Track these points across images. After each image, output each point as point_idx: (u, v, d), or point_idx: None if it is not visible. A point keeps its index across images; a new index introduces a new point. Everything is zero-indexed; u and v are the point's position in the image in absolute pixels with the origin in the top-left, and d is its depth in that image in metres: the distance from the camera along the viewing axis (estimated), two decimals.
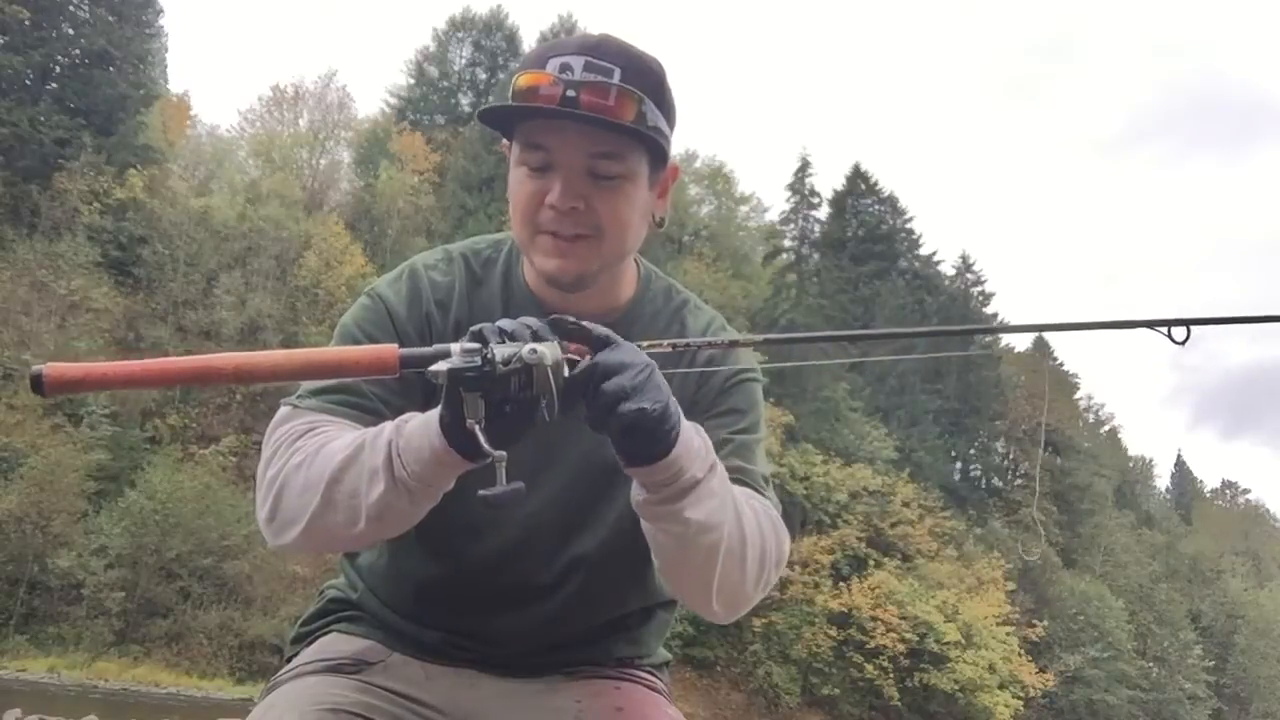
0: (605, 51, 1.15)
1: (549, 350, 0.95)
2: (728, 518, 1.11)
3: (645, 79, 1.16)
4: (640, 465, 1.05)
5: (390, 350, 0.97)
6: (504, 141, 1.24)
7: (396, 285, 1.30)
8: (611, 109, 1.12)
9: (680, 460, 1.04)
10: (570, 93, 1.11)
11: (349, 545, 1.25)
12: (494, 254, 1.34)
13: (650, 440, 1.02)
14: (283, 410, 1.20)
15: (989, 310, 56.99)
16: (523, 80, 1.13)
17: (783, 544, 1.22)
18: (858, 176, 59.28)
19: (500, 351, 0.93)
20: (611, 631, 1.35)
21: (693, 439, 1.07)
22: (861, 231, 57.59)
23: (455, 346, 0.95)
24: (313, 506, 1.08)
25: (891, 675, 38.45)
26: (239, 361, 0.94)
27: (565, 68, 1.13)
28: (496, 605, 1.30)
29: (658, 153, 1.20)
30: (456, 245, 1.36)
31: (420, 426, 1.03)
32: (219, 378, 0.95)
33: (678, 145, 1.27)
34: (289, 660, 1.33)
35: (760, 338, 1.25)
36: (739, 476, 1.25)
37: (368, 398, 1.20)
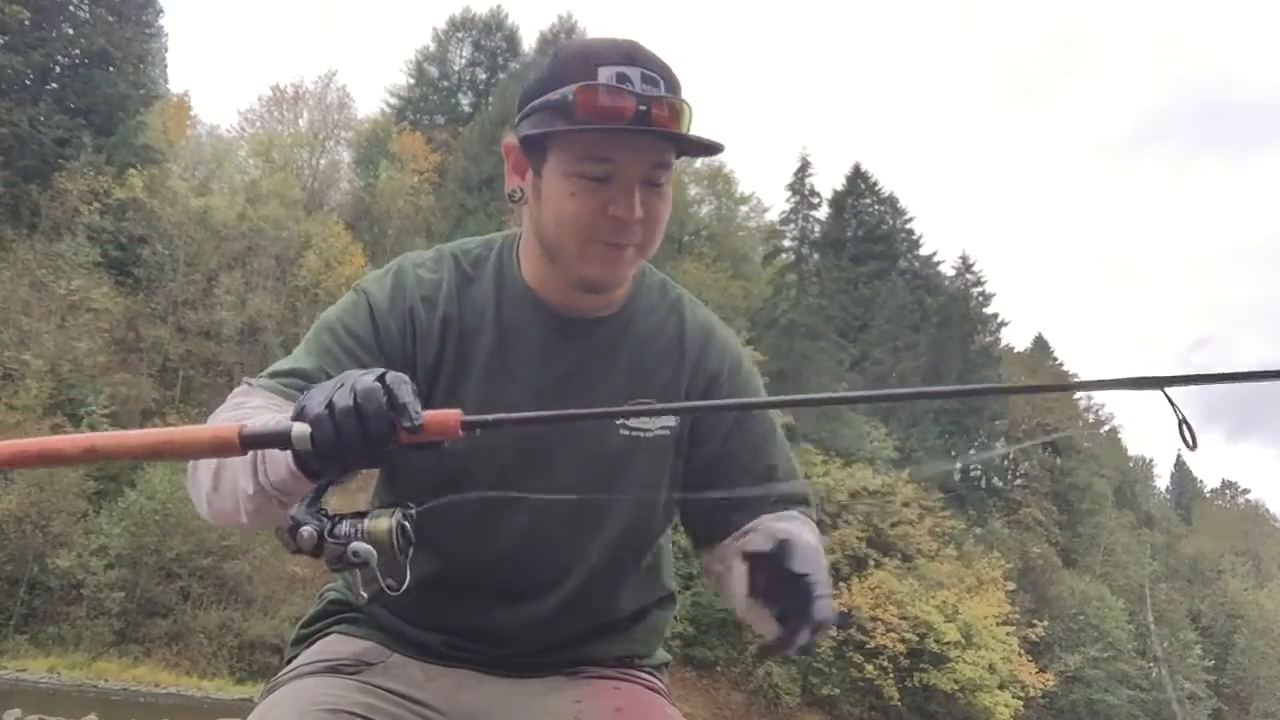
0: (650, 63, 1.17)
1: (379, 526, 0.96)
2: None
3: (679, 88, 1.19)
4: None
5: (230, 430, 0.95)
6: (510, 141, 1.24)
7: (382, 281, 1.30)
8: (675, 123, 1.14)
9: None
10: (642, 107, 1.12)
11: (250, 529, 1.21)
12: (485, 252, 1.34)
13: None
14: (239, 388, 1.21)
15: (989, 311, 57.00)
16: (584, 92, 1.13)
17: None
18: (858, 176, 59.32)
19: (328, 548, 0.94)
20: (611, 630, 1.35)
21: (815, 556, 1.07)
22: (861, 231, 57.64)
23: (296, 427, 0.94)
24: (206, 487, 1.10)
25: (891, 675, 38.45)
26: (88, 443, 0.95)
27: (623, 78, 1.14)
28: (497, 605, 1.30)
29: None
30: (447, 245, 1.36)
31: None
32: (68, 459, 0.97)
33: None
34: (289, 661, 1.33)
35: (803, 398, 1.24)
36: (773, 475, 1.33)
37: (323, 378, 1.19)
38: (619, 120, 1.12)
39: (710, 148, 1.19)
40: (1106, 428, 69.03)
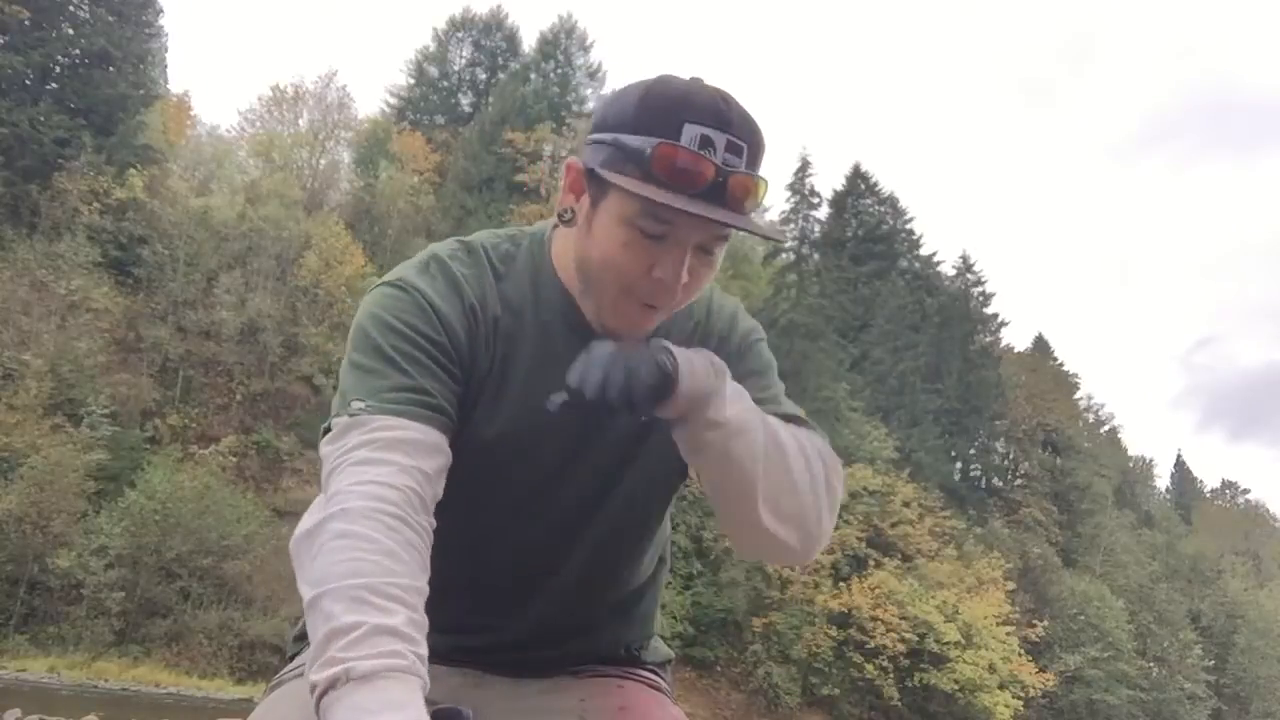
0: (736, 125, 1.11)
1: None
2: (754, 422, 1.14)
3: (762, 158, 1.15)
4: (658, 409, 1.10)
5: None
6: (576, 163, 1.18)
7: (427, 277, 1.20)
8: (747, 201, 1.11)
9: (687, 382, 1.08)
10: (719, 180, 1.08)
11: None
12: (512, 249, 1.28)
13: (652, 392, 1.07)
14: (337, 423, 1.10)
15: (989, 311, 57.04)
16: (664, 151, 1.08)
17: (833, 462, 1.21)
18: (858, 176, 59.34)
19: None
20: (611, 618, 1.35)
21: (694, 363, 1.11)
22: (861, 231, 57.66)
23: None
24: (302, 596, 1.03)
25: (891, 675, 38.47)
26: None
27: (707, 142, 1.09)
28: (505, 605, 1.29)
29: None
30: (473, 237, 1.29)
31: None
32: None
33: None
34: (291, 659, 1.31)
35: None
36: (779, 402, 1.28)
37: (431, 395, 1.12)
38: (692, 187, 1.07)
39: (772, 239, 1.18)
40: (1106, 428, 69.10)
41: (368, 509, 1.01)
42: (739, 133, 1.11)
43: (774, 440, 1.15)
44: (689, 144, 1.08)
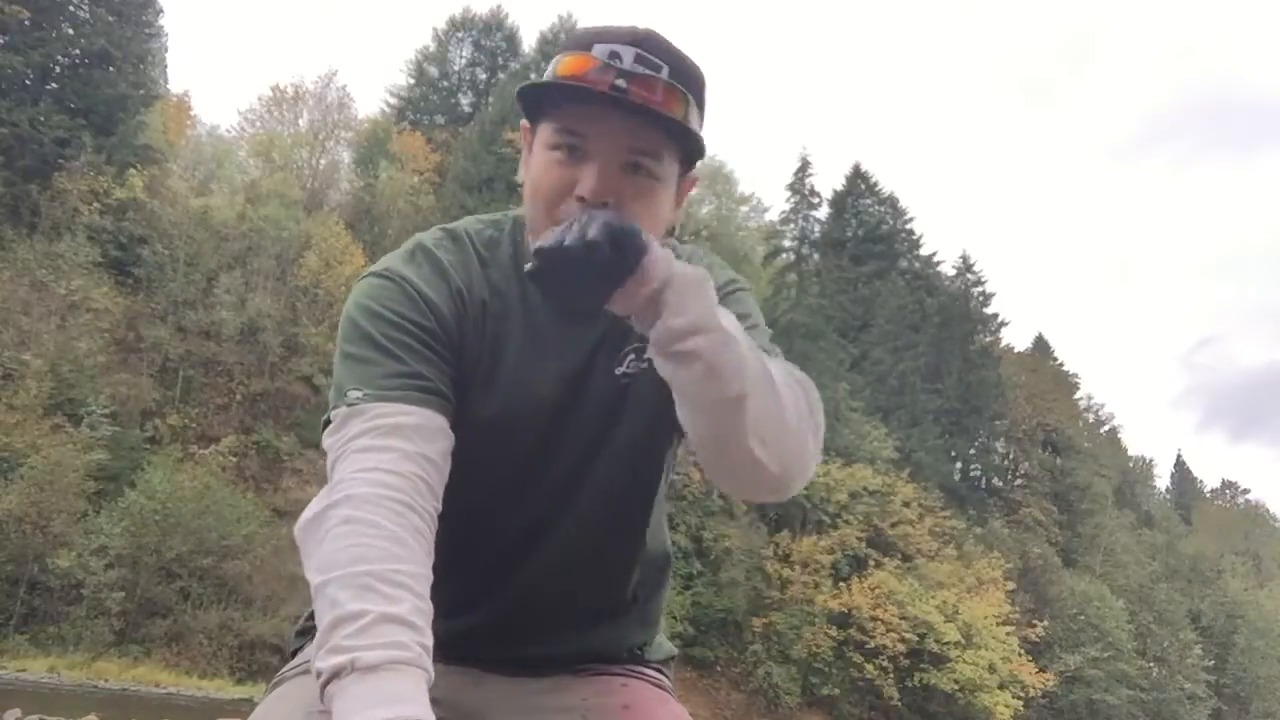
0: (655, 47, 1.11)
1: None
2: (744, 340, 1.03)
3: (691, 82, 1.13)
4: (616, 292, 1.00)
5: None
6: (524, 123, 1.20)
7: (413, 265, 1.21)
8: (659, 104, 1.08)
9: (651, 269, 0.98)
10: (620, 82, 1.07)
11: None
12: (496, 234, 1.29)
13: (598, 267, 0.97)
14: (336, 414, 1.09)
15: (989, 311, 57.02)
16: (569, 61, 1.09)
17: (815, 394, 1.14)
18: (858, 176, 59.34)
19: None
20: (614, 616, 1.34)
21: (672, 259, 1.01)
22: (861, 231, 57.66)
23: None
24: (309, 582, 1.03)
25: (891, 675, 38.45)
26: None
27: (614, 55, 1.09)
28: (499, 583, 1.28)
29: (689, 159, 1.17)
30: (457, 224, 1.30)
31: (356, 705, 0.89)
32: None
33: None
34: (293, 655, 1.30)
35: None
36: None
37: (428, 379, 1.12)
38: (594, 87, 1.07)
39: (688, 135, 1.11)
40: (1106, 428, 69.08)
41: (372, 495, 1.01)
42: (654, 50, 1.10)
43: (762, 365, 1.05)
44: (598, 57, 1.09)
